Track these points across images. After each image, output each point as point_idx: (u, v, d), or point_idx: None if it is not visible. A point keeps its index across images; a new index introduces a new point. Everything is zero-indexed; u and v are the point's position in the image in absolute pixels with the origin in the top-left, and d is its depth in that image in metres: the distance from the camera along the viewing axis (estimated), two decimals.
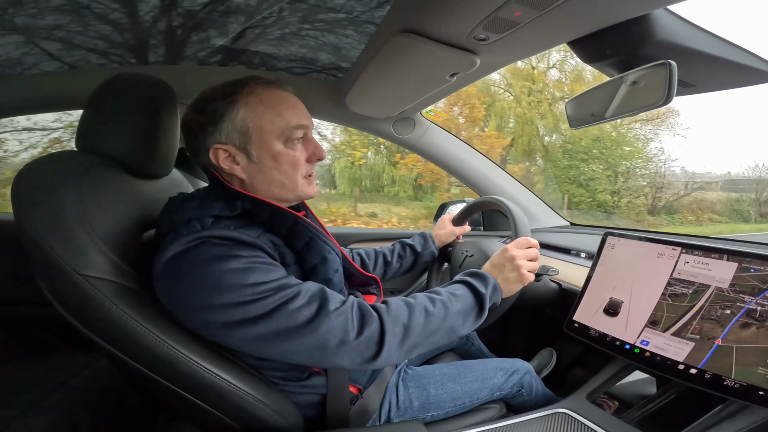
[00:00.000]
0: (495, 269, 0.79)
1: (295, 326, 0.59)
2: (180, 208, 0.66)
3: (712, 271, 0.72)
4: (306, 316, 0.60)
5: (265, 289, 0.59)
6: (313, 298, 0.62)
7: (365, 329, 0.62)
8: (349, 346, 0.61)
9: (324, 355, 0.61)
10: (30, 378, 0.95)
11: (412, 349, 0.66)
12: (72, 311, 0.61)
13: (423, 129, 1.45)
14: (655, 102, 0.66)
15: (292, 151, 0.70)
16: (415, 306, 0.68)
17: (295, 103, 0.72)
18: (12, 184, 0.61)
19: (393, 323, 0.64)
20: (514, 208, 0.94)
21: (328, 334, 0.60)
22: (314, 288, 0.64)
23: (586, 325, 0.85)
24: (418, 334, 0.66)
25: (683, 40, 0.67)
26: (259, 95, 0.69)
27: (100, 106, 0.72)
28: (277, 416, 0.69)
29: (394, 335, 0.63)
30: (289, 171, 0.71)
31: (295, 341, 0.60)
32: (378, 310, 0.66)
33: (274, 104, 0.69)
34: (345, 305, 0.64)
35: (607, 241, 0.91)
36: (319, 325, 0.60)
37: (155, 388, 0.65)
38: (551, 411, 0.75)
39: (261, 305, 0.58)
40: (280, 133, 0.69)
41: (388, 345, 0.63)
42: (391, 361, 0.65)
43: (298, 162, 0.71)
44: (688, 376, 0.67)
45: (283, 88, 0.72)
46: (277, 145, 0.69)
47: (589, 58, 0.76)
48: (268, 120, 0.68)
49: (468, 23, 0.69)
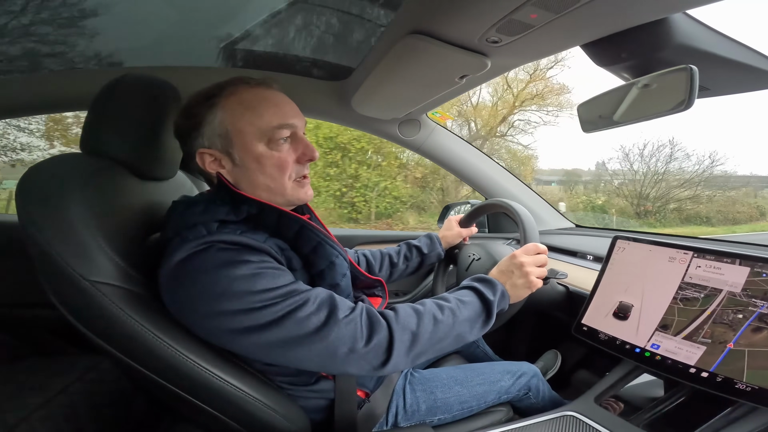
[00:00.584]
0: (503, 275, 0.79)
1: (304, 334, 0.59)
2: (185, 213, 0.65)
3: (725, 275, 0.71)
4: (315, 324, 0.59)
5: (274, 296, 0.58)
6: (322, 305, 0.61)
7: (374, 337, 0.62)
8: (358, 354, 0.60)
9: (333, 362, 0.60)
10: (35, 380, 0.94)
11: (420, 356, 0.66)
12: (77, 315, 0.60)
13: (429, 131, 1.44)
14: (675, 107, 0.65)
15: (276, 153, 0.68)
16: (423, 313, 0.67)
17: (278, 102, 0.69)
18: (17, 187, 0.61)
19: (402, 331, 0.64)
20: (523, 212, 0.93)
21: (337, 342, 0.59)
22: (323, 295, 0.63)
23: (595, 329, 0.84)
24: (426, 341, 0.65)
25: (701, 44, 0.66)
26: (239, 96, 0.67)
27: (104, 108, 0.71)
28: (284, 421, 0.68)
29: (403, 342, 0.63)
30: (274, 173, 0.68)
31: (304, 349, 0.59)
32: (387, 317, 0.65)
33: (254, 105, 0.67)
34: (354, 313, 0.63)
35: (617, 244, 0.90)
36: (328, 333, 0.59)
37: (161, 391, 0.65)
38: (558, 414, 0.75)
39: (270, 312, 0.58)
40: (261, 135, 0.67)
41: (396, 352, 0.62)
42: (399, 368, 0.64)
43: (284, 164, 0.69)
44: (700, 380, 0.67)
45: (267, 87, 0.70)
46: (259, 147, 0.67)
47: (603, 61, 0.75)
48: (246, 121, 0.66)
49: (481, 25, 0.69)
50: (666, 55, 0.66)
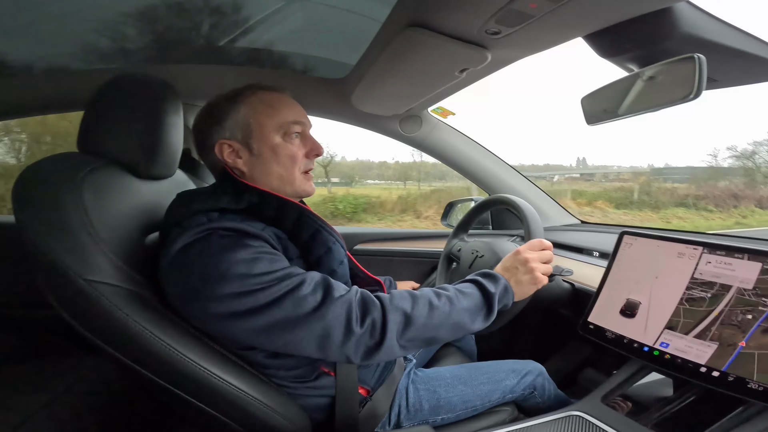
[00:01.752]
0: (507, 272, 0.78)
1: (303, 314, 0.60)
2: (187, 202, 0.68)
3: (736, 271, 0.69)
4: (312, 304, 0.61)
5: (272, 278, 0.60)
6: (317, 286, 0.63)
7: (367, 316, 0.63)
8: (354, 335, 0.62)
9: (330, 344, 0.61)
10: (39, 381, 0.94)
11: (414, 341, 0.66)
12: (76, 316, 0.60)
13: (430, 127, 1.43)
14: (682, 97, 0.63)
15: (290, 145, 0.75)
16: (418, 298, 0.68)
17: (292, 104, 0.78)
18: (13, 187, 0.60)
19: (394, 311, 0.65)
20: (526, 207, 0.91)
21: (334, 322, 0.61)
22: (318, 277, 0.65)
23: (602, 327, 0.82)
24: (421, 326, 0.66)
25: (707, 34, 0.64)
26: (259, 96, 0.75)
27: (102, 106, 0.71)
28: (284, 421, 0.68)
29: (396, 323, 0.64)
30: (287, 164, 0.75)
31: (303, 330, 0.60)
32: (381, 298, 0.66)
33: (273, 103, 0.75)
34: (349, 293, 0.65)
35: (624, 240, 0.88)
36: (326, 313, 0.61)
37: (161, 392, 0.65)
38: (564, 414, 0.73)
39: (268, 293, 0.59)
40: (278, 127, 0.74)
41: (390, 334, 0.63)
42: (394, 352, 0.65)
43: (296, 156, 0.75)
44: (711, 379, 0.65)
45: (282, 92, 0.78)
46: (275, 138, 0.74)
47: (606, 52, 0.73)
48: (266, 115, 0.74)
49: (480, 16, 0.67)
50: (671, 45, 0.64)
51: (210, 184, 0.80)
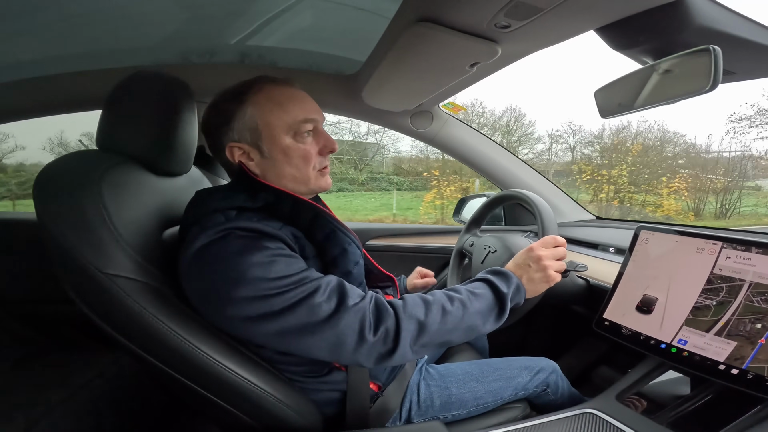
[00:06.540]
0: (519, 269, 0.76)
1: (316, 321, 0.60)
2: (206, 200, 0.68)
3: (756, 266, 0.67)
4: (326, 312, 0.60)
5: (288, 283, 0.60)
6: (332, 293, 0.62)
7: (381, 325, 0.62)
8: (367, 342, 0.61)
9: (342, 351, 0.61)
10: (58, 376, 0.97)
11: (428, 346, 0.65)
12: (95, 309, 0.62)
13: (441, 122, 1.42)
14: (698, 89, 0.62)
15: (302, 145, 0.72)
16: (432, 303, 0.67)
17: (302, 99, 0.74)
18: (34, 184, 0.62)
19: (408, 319, 0.64)
20: (540, 202, 0.90)
21: (347, 330, 0.60)
22: (333, 282, 0.64)
23: (618, 324, 0.81)
24: (435, 332, 0.65)
25: (723, 26, 0.62)
26: (267, 93, 0.71)
27: (118, 105, 0.72)
28: (296, 415, 0.69)
29: (409, 332, 0.63)
30: (300, 164, 0.72)
31: (316, 336, 0.60)
32: (394, 306, 0.65)
33: (281, 101, 0.71)
34: (363, 301, 0.64)
35: (641, 235, 0.86)
36: (339, 321, 0.60)
37: (176, 385, 0.66)
38: (578, 411, 0.72)
39: (283, 299, 0.59)
40: (288, 128, 0.71)
41: (403, 342, 0.62)
42: (407, 358, 0.64)
43: (309, 155, 0.73)
44: (730, 377, 0.63)
45: (290, 85, 0.75)
46: (286, 139, 0.71)
47: (619, 45, 0.71)
48: (275, 116, 0.70)
49: (489, 9, 0.66)
50: (686, 37, 0.62)
51: (224, 180, 0.80)
